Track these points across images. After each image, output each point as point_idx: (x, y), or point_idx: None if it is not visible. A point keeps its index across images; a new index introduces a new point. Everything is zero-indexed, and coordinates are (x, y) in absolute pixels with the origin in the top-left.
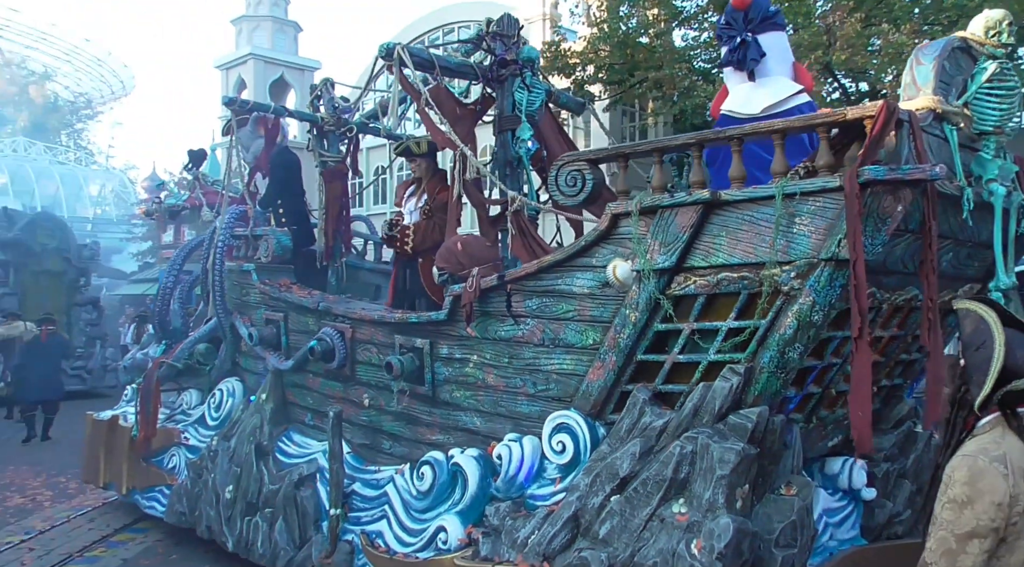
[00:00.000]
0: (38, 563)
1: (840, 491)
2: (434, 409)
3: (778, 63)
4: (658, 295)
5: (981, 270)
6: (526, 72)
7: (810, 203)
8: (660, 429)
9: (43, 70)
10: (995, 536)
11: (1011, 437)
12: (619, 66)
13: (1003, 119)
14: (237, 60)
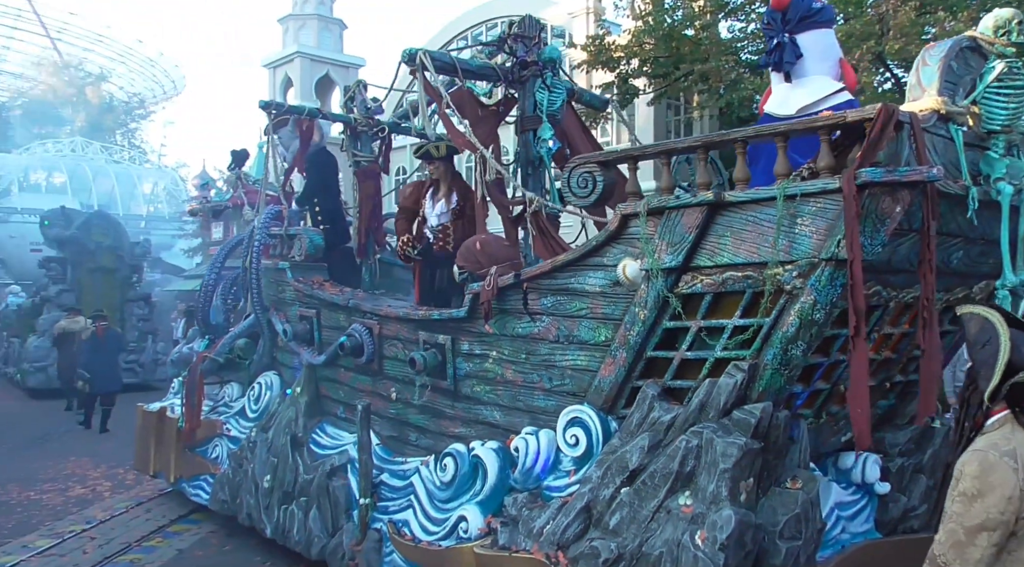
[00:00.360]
0: (99, 552)
1: (854, 485)
2: (456, 403)
3: (820, 62)
4: (666, 293)
5: (996, 267)
6: (546, 73)
7: (811, 204)
8: (668, 424)
9: (99, 71)
10: (1005, 529)
11: (1020, 433)
12: (664, 59)
13: (1011, 118)
14: (284, 59)
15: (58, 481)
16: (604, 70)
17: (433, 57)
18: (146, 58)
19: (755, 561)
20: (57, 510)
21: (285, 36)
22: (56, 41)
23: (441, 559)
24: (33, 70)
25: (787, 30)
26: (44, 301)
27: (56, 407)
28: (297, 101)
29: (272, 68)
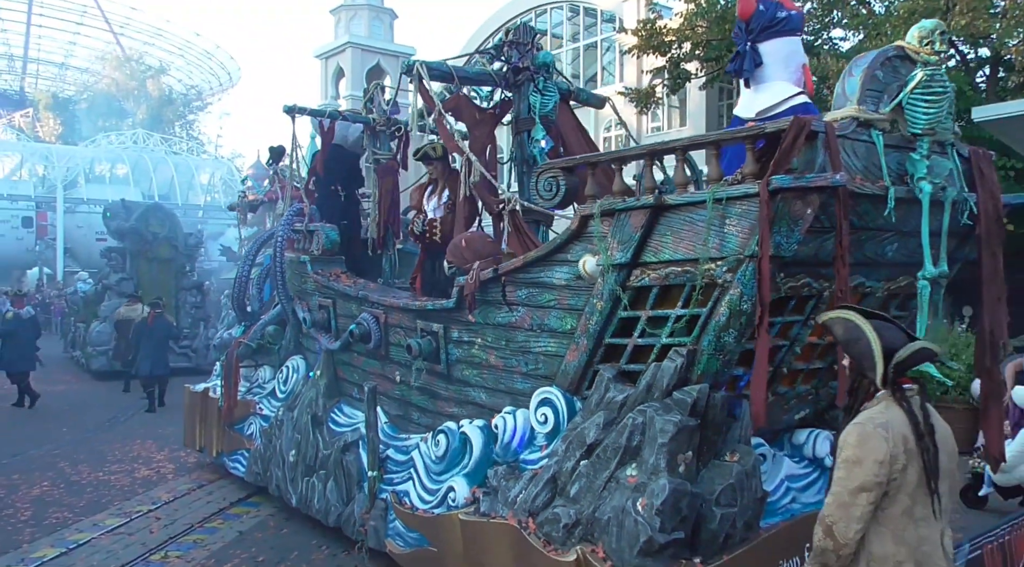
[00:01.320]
0: (165, 531)
1: (806, 460)
2: (449, 385)
3: (783, 68)
4: (616, 287)
5: None
6: (538, 77)
7: (736, 207)
8: (621, 403)
9: (159, 65)
10: (879, 490)
11: (894, 408)
12: (717, 42)
13: (933, 122)
14: (335, 49)
15: (125, 463)
16: (655, 55)
17: (430, 67)
18: (203, 51)
19: (695, 525)
20: (125, 490)
21: (337, 27)
22: (119, 36)
23: (433, 525)
24: (98, 65)
25: (750, 39)
26: (105, 289)
27: (117, 388)
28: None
29: (324, 59)
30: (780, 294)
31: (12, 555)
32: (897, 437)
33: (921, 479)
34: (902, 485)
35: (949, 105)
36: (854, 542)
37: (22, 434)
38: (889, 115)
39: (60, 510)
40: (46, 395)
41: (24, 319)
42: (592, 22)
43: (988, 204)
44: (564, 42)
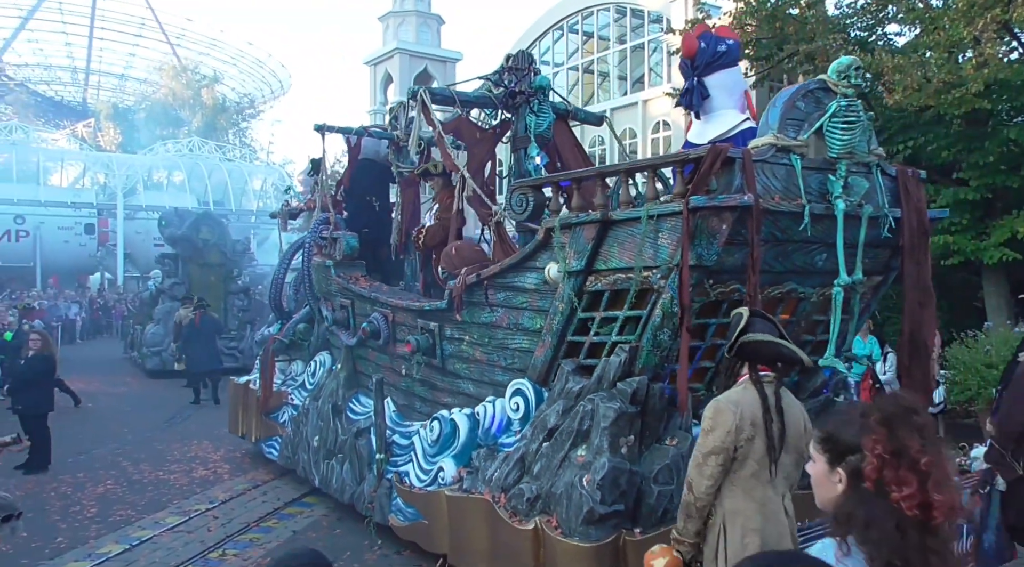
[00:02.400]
0: (222, 530)
1: None
2: (444, 377)
3: (728, 97)
4: (573, 291)
5: (875, 265)
6: (534, 100)
7: (667, 222)
8: (577, 392)
9: (213, 74)
10: (727, 454)
11: (751, 390)
12: (767, 40)
13: (847, 146)
14: (384, 55)
15: (183, 462)
16: None
17: (433, 93)
18: (256, 59)
19: (636, 500)
20: (183, 489)
21: (385, 33)
22: (175, 47)
23: (425, 501)
24: (155, 75)
25: (696, 74)
26: (160, 292)
27: (169, 385)
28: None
29: (373, 65)
30: (711, 298)
31: (80, 550)
32: (746, 413)
33: (767, 451)
34: (750, 453)
35: (862, 131)
36: (707, 497)
37: (86, 434)
38: (806, 141)
39: (123, 508)
40: (108, 396)
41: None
42: (639, 23)
43: (913, 219)
44: (611, 44)
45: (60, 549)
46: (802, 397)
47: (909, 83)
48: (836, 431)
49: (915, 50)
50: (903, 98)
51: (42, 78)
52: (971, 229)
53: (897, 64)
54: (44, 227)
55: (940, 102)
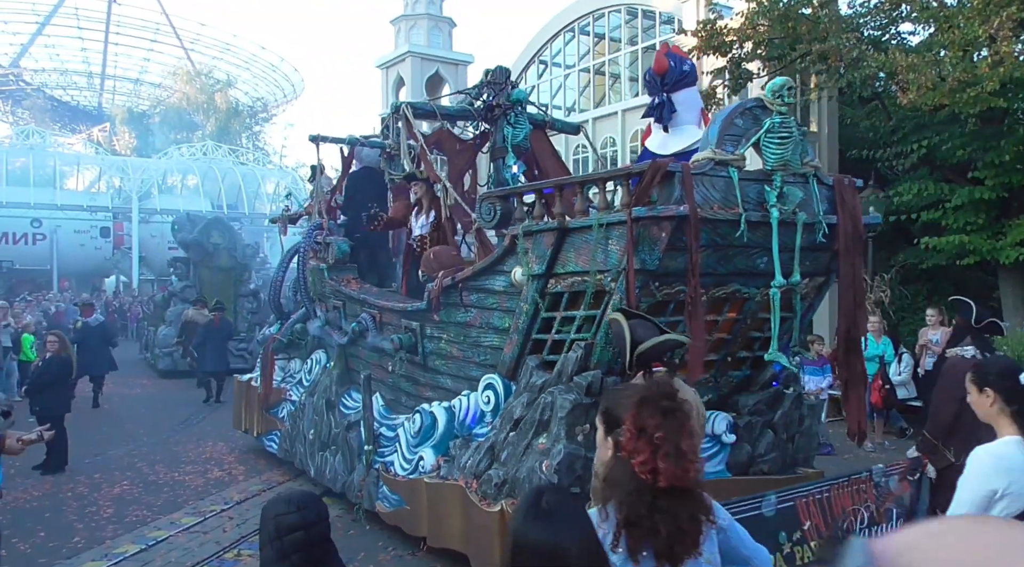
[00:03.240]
0: (237, 531)
1: (708, 435)
2: (425, 373)
3: (689, 113)
4: (535, 293)
5: (816, 267)
6: (510, 112)
7: (616, 230)
8: (540, 386)
9: (226, 78)
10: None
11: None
12: (779, 40)
13: (781, 160)
14: (396, 59)
15: (198, 464)
16: (716, 55)
17: (415, 107)
18: (268, 64)
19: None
20: (199, 490)
21: (397, 37)
22: (189, 52)
23: (407, 488)
24: (170, 80)
25: (665, 91)
26: (171, 295)
27: (181, 385)
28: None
29: (385, 68)
30: (657, 299)
31: (97, 550)
32: None
33: None
34: None
35: (795, 146)
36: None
37: (102, 435)
38: (742, 155)
39: (139, 508)
40: (123, 397)
41: (92, 326)
42: (650, 24)
43: (848, 224)
44: (622, 45)
45: (77, 548)
46: (753, 389)
47: (923, 82)
48: (611, 407)
49: (929, 49)
50: (917, 97)
51: (58, 83)
52: (987, 229)
53: (911, 63)
54: (60, 230)
55: (955, 101)
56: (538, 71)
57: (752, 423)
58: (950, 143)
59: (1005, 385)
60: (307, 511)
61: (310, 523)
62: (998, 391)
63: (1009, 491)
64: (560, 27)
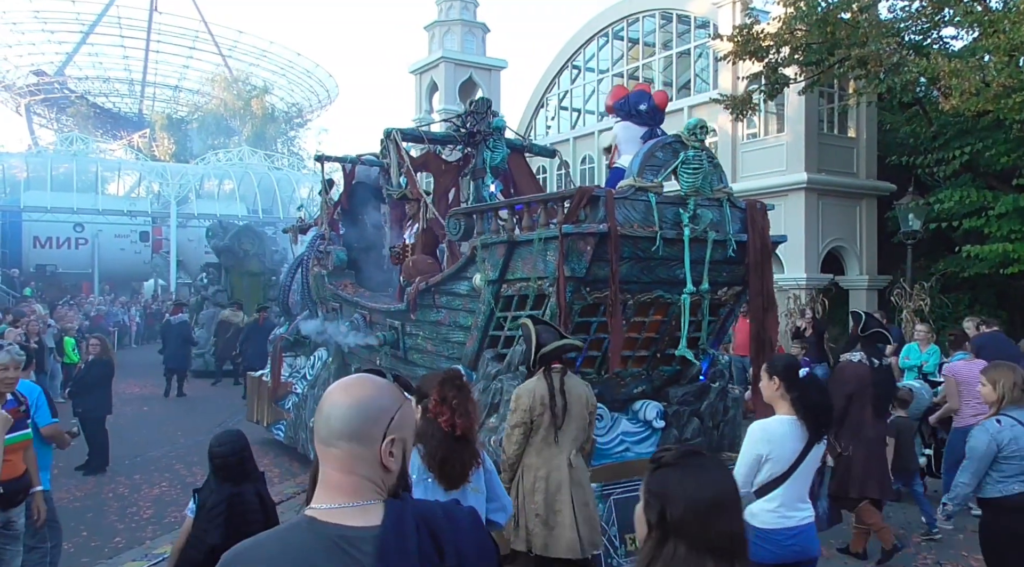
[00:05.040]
0: None
1: (641, 422)
2: (406, 366)
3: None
4: (491, 296)
5: (733, 278)
6: (490, 138)
7: (552, 244)
8: (493, 374)
9: (263, 84)
10: (525, 426)
11: (543, 381)
12: (818, 45)
13: (694, 187)
14: (429, 64)
15: None
16: (752, 60)
17: (404, 132)
18: (304, 70)
19: None
20: None
21: (431, 42)
22: (227, 58)
23: None
24: (208, 86)
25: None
26: (204, 299)
27: (217, 386)
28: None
29: (418, 74)
30: (588, 302)
31: (137, 550)
32: (537, 396)
33: (552, 421)
34: (541, 424)
35: (705, 176)
36: (514, 456)
37: (141, 437)
38: (660, 183)
39: (178, 509)
40: (162, 399)
41: (174, 325)
42: (685, 29)
43: (757, 241)
44: (656, 50)
45: (118, 548)
46: (683, 382)
47: (967, 87)
48: (422, 384)
49: (973, 53)
50: (960, 103)
51: (101, 90)
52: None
53: (954, 68)
54: (102, 235)
55: (999, 107)
56: (571, 76)
57: (680, 412)
58: (994, 150)
59: (788, 376)
60: (226, 445)
61: (227, 452)
62: (782, 380)
63: (771, 456)
64: (593, 32)
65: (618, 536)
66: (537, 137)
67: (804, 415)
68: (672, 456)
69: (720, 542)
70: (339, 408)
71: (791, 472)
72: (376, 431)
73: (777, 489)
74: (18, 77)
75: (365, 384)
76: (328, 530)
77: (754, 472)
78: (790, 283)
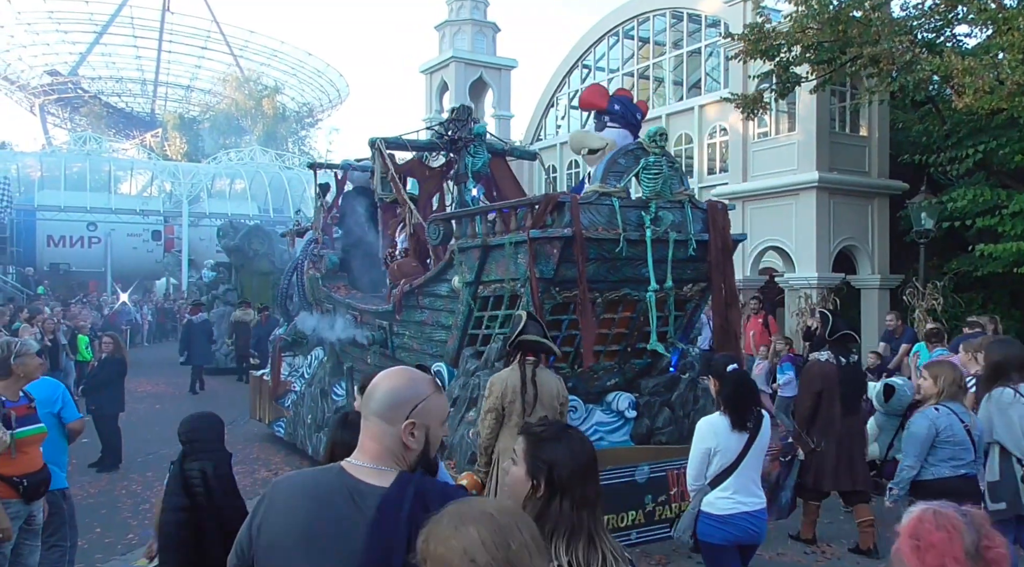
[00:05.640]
0: None
1: (614, 412)
2: (394, 364)
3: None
4: (469, 297)
5: (697, 275)
6: (471, 145)
7: (522, 247)
8: (472, 371)
9: (274, 84)
10: (498, 412)
11: (516, 370)
12: (829, 43)
13: (654, 191)
14: (440, 64)
15: (246, 464)
16: (763, 59)
17: (388, 141)
18: (314, 69)
19: None
20: (246, 490)
21: (441, 42)
22: (239, 59)
23: None
24: (219, 86)
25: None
26: (214, 298)
27: (225, 384)
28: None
29: (429, 73)
30: (558, 301)
31: None
32: (509, 385)
33: (523, 409)
34: (513, 410)
35: (665, 180)
36: (488, 440)
37: (153, 435)
38: (623, 188)
39: None
40: (173, 397)
41: (196, 324)
42: (696, 28)
43: (718, 241)
44: (667, 49)
45: (131, 545)
46: (654, 374)
47: (980, 86)
48: (363, 381)
49: (987, 51)
50: (974, 101)
51: (114, 90)
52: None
53: (967, 66)
54: (115, 234)
55: (1013, 105)
56: (581, 75)
57: (651, 402)
58: (1008, 148)
59: (719, 374)
60: (191, 426)
61: (193, 429)
62: (716, 379)
63: (719, 448)
64: (604, 31)
65: None
66: (547, 136)
67: (723, 409)
68: (552, 432)
69: (591, 498)
70: (378, 390)
71: (739, 462)
72: (400, 414)
73: (728, 479)
74: (32, 77)
75: (403, 374)
76: (349, 480)
77: (705, 465)
78: (801, 282)
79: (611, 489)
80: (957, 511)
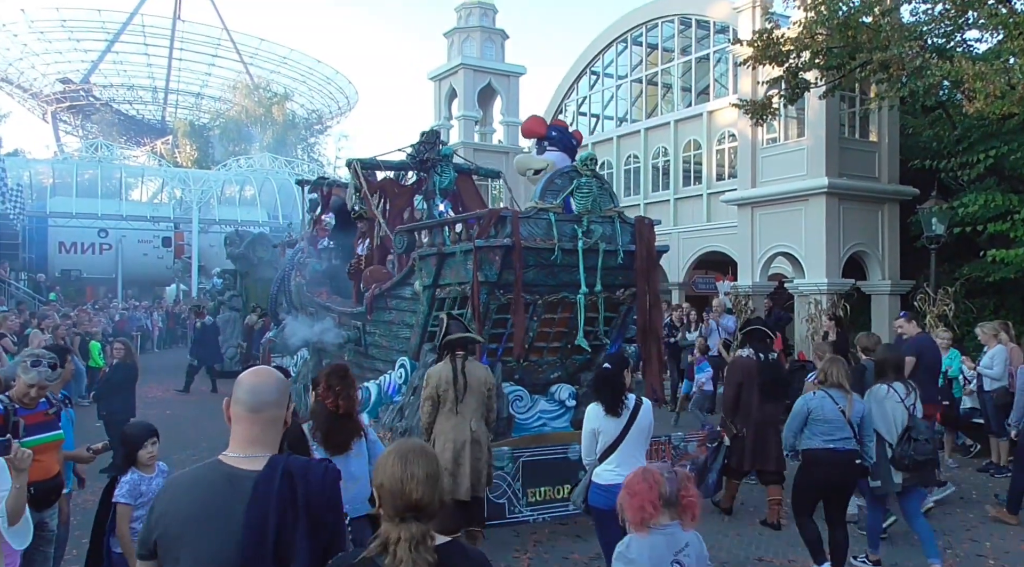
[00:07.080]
0: None
1: (557, 402)
2: (367, 360)
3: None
4: (428, 299)
5: (628, 280)
6: (438, 165)
7: (470, 255)
8: (430, 364)
9: (283, 91)
10: (434, 400)
11: (448, 364)
12: (839, 49)
13: (585, 207)
14: (448, 71)
15: None
16: (772, 65)
17: (363, 162)
18: (324, 77)
19: None
20: None
21: (450, 49)
22: (248, 66)
23: None
24: (229, 93)
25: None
26: (220, 304)
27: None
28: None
29: (437, 80)
30: (501, 302)
31: None
32: (443, 376)
33: (455, 397)
34: (446, 398)
35: (593, 200)
36: (428, 424)
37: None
38: (559, 204)
39: None
40: (183, 403)
41: (208, 326)
42: (704, 34)
43: (643, 251)
44: (675, 55)
45: None
46: (592, 368)
47: (991, 91)
48: (316, 375)
49: (998, 56)
50: (985, 106)
51: (125, 98)
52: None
53: (978, 71)
54: (125, 240)
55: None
56: (590, 82)
57: (589, 393)
58: (1020, 153)
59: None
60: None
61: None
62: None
63: (602, 429)
64: (613, 38)
65: (521, 490)
66: None
67: (596, 398)
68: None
69: None
70: (241, 389)
71: (619, 441)
72: (286, 399)
73: (612, 454)
74: (45, 85)
75: (272, 372)
76: (226, 468)
77: (593, 443)
78: (811, 288)
79: (549, 464)
80: (665, 469)
